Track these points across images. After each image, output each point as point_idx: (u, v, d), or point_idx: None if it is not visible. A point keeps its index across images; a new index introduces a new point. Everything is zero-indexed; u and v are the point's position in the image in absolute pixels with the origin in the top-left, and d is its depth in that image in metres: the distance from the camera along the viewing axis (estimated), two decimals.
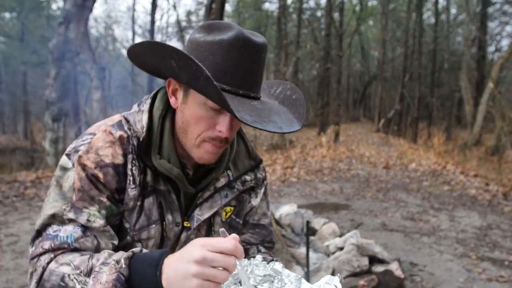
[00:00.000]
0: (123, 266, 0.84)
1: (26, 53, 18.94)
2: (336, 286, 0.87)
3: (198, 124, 0.97)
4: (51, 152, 8.98)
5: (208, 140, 0.98)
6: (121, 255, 0.87)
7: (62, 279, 0.88)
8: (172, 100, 1.03)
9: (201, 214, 1.08)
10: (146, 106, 1.05)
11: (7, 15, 21.09)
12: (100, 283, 0.84)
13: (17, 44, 20.16)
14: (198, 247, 0.80)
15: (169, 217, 1.05)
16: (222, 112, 0.95)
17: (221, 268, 0.79)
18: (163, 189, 1.03)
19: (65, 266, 0.90)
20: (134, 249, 0.89)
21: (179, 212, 1.06)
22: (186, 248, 0.82)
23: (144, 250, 0.90)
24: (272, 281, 0.89)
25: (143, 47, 0.96)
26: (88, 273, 0.87)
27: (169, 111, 1.05)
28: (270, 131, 0.92)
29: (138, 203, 1.01)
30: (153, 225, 1.04)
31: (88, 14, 8.99)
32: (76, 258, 0.90)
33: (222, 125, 0.95)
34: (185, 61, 0.87)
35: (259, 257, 0.95)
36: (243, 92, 0.94)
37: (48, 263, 0.92)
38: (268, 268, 0.91)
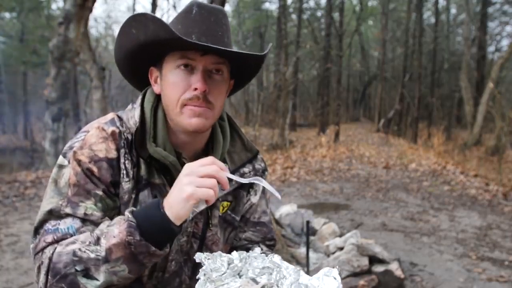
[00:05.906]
0: (129, 216, 0.90)
1: (26, 53, 18.94)
2: (335, 278, 0.85)
3: (175, 89, 1.00)
4: (51, 152, 8.97)
5: (187, 102, 1.00)
6: (123, 216, 0.93)
7: (74, 254, 0.89)
8: (155, 88, 1.08)
9: (197, 206, 1.09)
10: (138, 102, 1.08)
11: (7, 15, 21.09)
12: (114, 237, 0.88)
13: (17, 44, 20.17)
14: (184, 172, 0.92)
15: None
16: (193, 71, 1.00)
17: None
18: (158, 182, 1.04)
19: (71, 244, 0.91)
20: (129, 209, 0.93)
21: None
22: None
23: None
24: (271, 273, 0.88)
25: (120, 32, 1.03)
26: (96, 242, 0.90)
27: (160, 103, 1.07)
28: (223, 48, 0.95)
29: (133, 196, 1.02)
30: None
31: (88, 14, 8.98)
32: (79, 236, 0.93)
33: (196, 81, 0.98)
34: (136, 19, 0.96)
35: (258, 249, 0.95)
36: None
37: (53, 252, 0.93)
38: (267, 261, 0.90)
